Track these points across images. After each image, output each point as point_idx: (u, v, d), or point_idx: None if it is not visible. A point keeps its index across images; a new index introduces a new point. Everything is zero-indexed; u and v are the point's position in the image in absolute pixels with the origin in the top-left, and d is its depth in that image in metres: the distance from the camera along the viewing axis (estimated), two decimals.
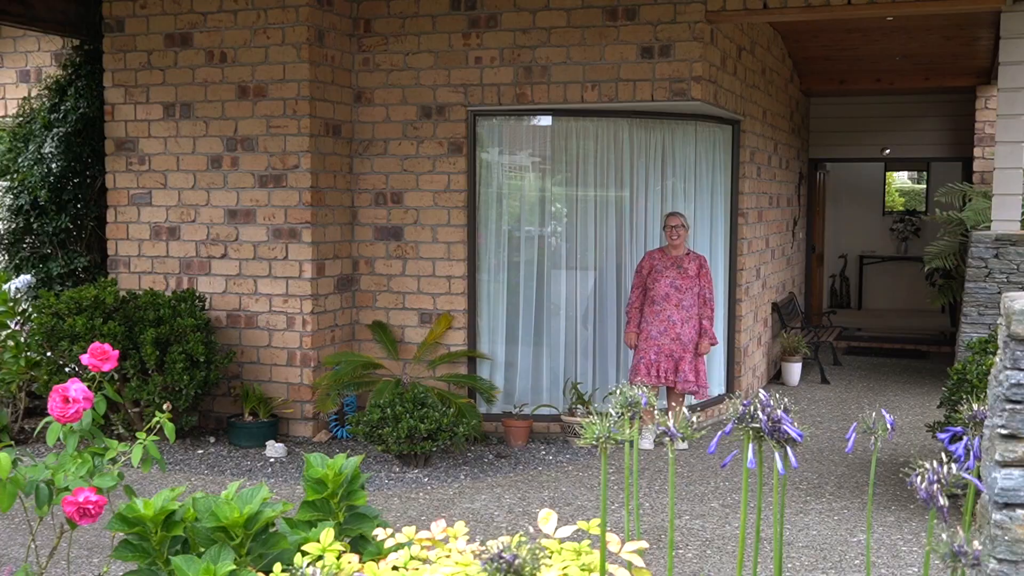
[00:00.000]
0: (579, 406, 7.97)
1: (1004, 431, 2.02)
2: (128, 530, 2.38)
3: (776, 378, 10.85)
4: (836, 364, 11.68)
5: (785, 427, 2.31)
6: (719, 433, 2.39)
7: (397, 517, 6.10)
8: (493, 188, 8.30)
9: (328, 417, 8.11)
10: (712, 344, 7.97)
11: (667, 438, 2.18)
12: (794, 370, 10.56)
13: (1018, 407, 2.01)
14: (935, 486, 1.90)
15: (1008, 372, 2.04)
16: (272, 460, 7.42)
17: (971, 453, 2.43)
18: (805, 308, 13.18)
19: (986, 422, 2.21)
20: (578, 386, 8.15)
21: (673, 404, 7.98)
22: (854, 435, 2.87)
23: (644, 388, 2.71)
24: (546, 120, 8.25)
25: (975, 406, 2.64)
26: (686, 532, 5.86)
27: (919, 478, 1.93)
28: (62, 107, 8.59)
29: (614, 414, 2.27)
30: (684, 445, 8.11)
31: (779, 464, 2.27)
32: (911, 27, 9.65)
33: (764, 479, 6.86)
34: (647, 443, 7.86)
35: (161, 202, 8.29)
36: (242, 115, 8.02)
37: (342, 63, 8.17)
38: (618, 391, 2.64)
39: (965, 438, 2.47)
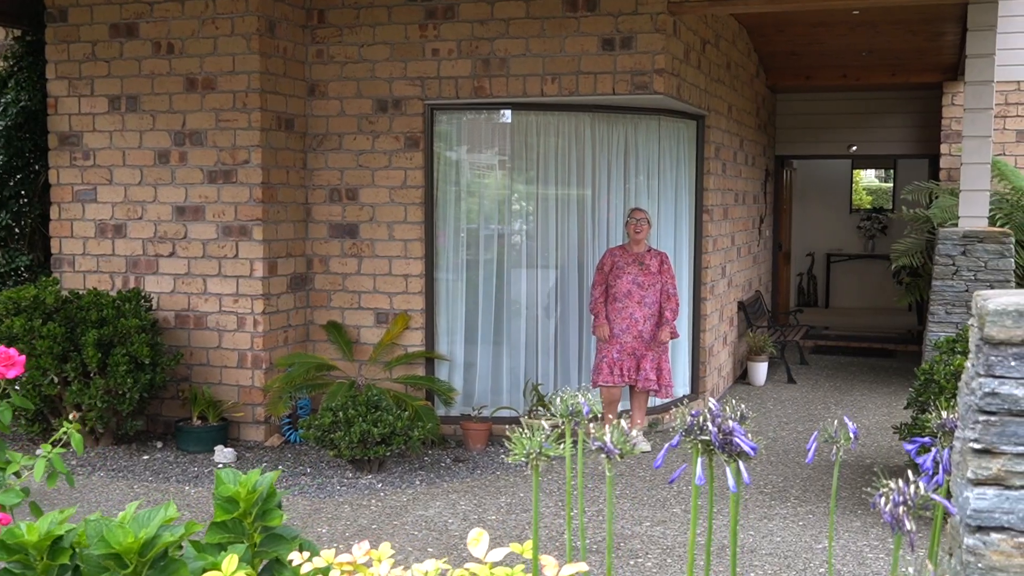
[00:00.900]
0: (540, 408, 7.75)
1: (977, 445, 1.81)
2: (8, 558, 2.13)
3: (742, 378, 10.69)
4: (803, 363, 11.54)
5: (737, 440, 2.09)
6: (666, 446, 2.18)
7: (347, 526, 5.85)
8: (451, 184, 8.06)
9: (281, 421, 7.85)
10: (673, 336, 7.73)
11: (604, 455, 1.96)
12: (760, 370, 10.40)
13: (993, 419, 1.80)
14: (901, 508, 1.69)
15: (982, 380, 1.82)
16: (220, 465, 7.15)
17: (940, 466, 2.23)
18: (772, 307, 13.03)
19: (957, 433, 2.01)
20: (539, 387, 7.93)
21: (635, 404, 7.77)
22: (815, 444, 2.68)
23: (589, 396, 2.49)
24: (506, 114, 8.03)
25: (944, 413, 2.44)
26: (646, 539, 5.65)
27: (883, 499, 1.72)
28: (2, 100, 8.28)
29: (547, 427, 2.05)
30: (647, 447, 7.92)
31: (730, 481, 2.06)
32: (877, 21, 9.52)
33: (723, 487, 6.69)
34: None
35: (107, 198, 7.99)
36: (190, 108, 7.73)
37: (295, 55, 7.91)
38: (557, 399, 2.42)
39: (934, 449, 2.27)
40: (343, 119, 8.01)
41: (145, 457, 7.35)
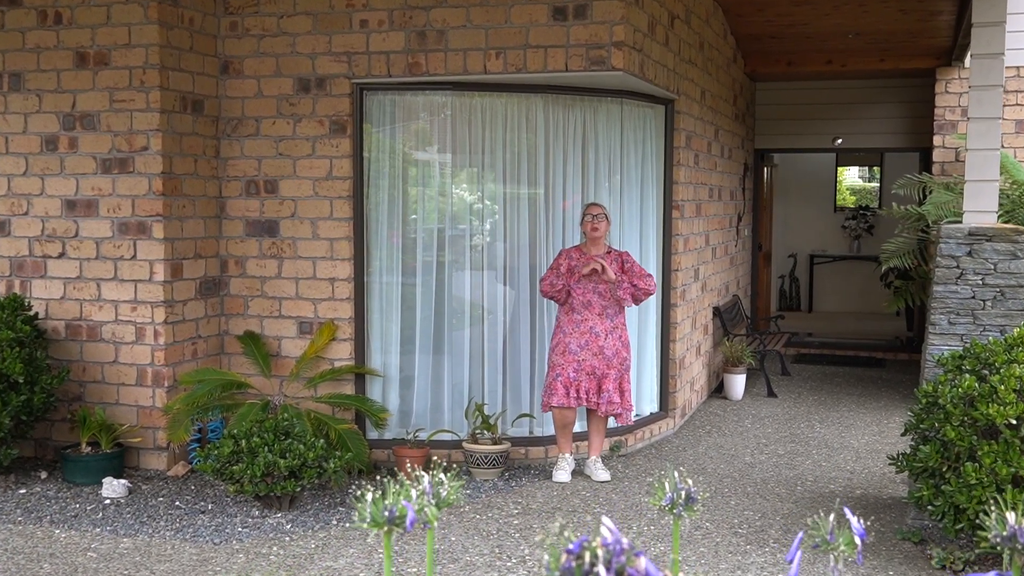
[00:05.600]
0: (484, 431, 6.77)
1: None
2: None
3: (717, 391, 9.72)
4: (784, 374, 10.60)
5: None
6: None
7: None
8: (384, 175, 7.06)
9: (188, 447, 6.83)
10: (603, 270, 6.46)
11: None
12: (737, 382, 9.44)
13: None
14: None
15: None
16: (108, 502, 6.12)
17: None
18: (751, 312, 12.08)
19: None
20: (483, 407, 6.92)
21: (593, 429, 6.79)
22: (799, 553, 1.73)
23: (428, 502, 1.51)
24: (445, 95, 7.03)
25: (1010, 517, 1.48)
26: None
27: None
28: None
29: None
30: (607, 476, 6.94)
31: None
32: None
33: (685, 522, 5.73)
34: (564, 475, 6.68)
35: None
36: (81, 87, 6.71)
37: (203, 27, 6.90)
38: (368, 496, 1.45)
39: None
40: (260, 101, 7.01)
41: (22, 491, 6.32)
